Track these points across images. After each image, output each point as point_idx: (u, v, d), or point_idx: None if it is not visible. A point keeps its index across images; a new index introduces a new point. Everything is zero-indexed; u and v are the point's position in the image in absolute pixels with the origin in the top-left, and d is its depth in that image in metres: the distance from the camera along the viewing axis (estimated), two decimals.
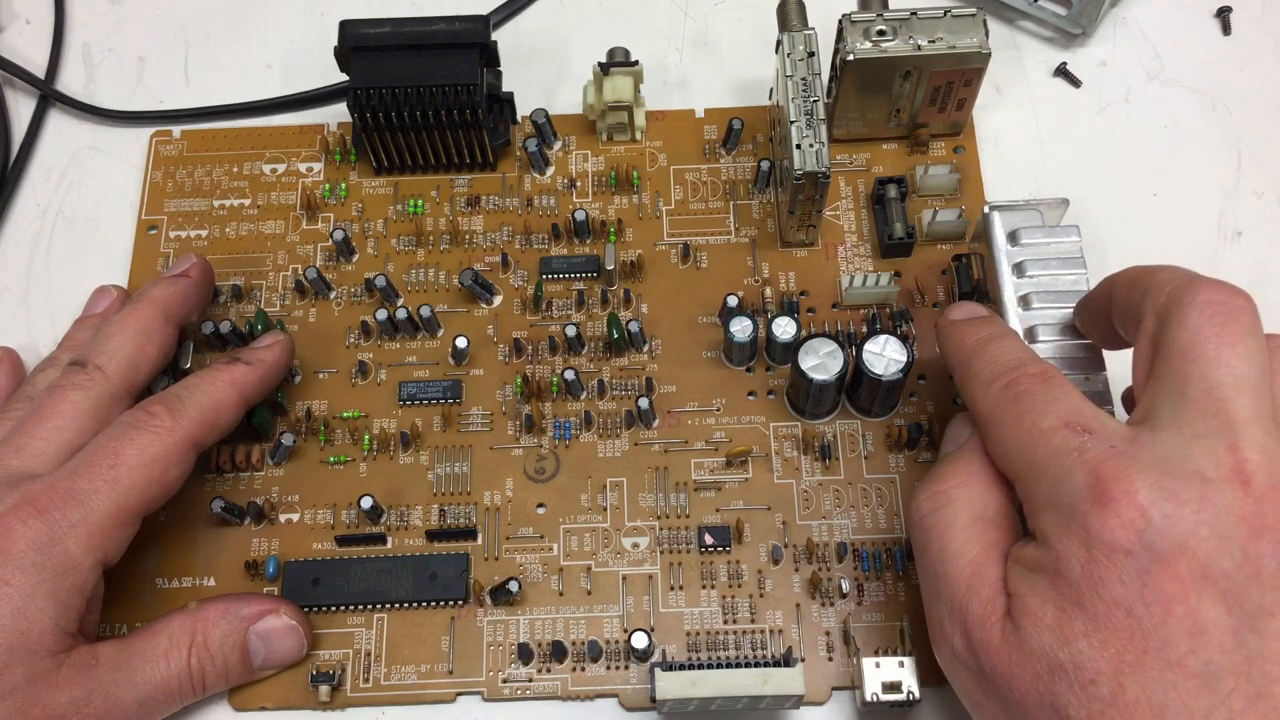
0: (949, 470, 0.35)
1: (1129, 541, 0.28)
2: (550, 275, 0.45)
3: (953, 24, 0.43)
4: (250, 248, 0.47)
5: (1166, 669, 0.28)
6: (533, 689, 0.39)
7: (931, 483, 0.35)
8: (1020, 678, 0.30)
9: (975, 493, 0.34)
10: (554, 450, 0.43)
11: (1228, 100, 0.48)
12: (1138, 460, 0.29)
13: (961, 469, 0.34)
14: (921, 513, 0.34)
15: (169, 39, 0.52)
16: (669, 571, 0.41)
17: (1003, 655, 0.30)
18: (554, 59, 0.51)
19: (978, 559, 0.32)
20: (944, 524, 0.33)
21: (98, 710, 0.35)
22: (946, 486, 0.34)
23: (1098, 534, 0.29)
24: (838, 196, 0.46)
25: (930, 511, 0.34)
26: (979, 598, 0.31)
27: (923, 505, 0.34)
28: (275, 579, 0.41)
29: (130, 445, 0.36)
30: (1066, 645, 0.29)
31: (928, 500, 0.34)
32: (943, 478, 0.34)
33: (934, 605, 0.33)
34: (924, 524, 0.34)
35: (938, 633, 0.33)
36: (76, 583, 0.35)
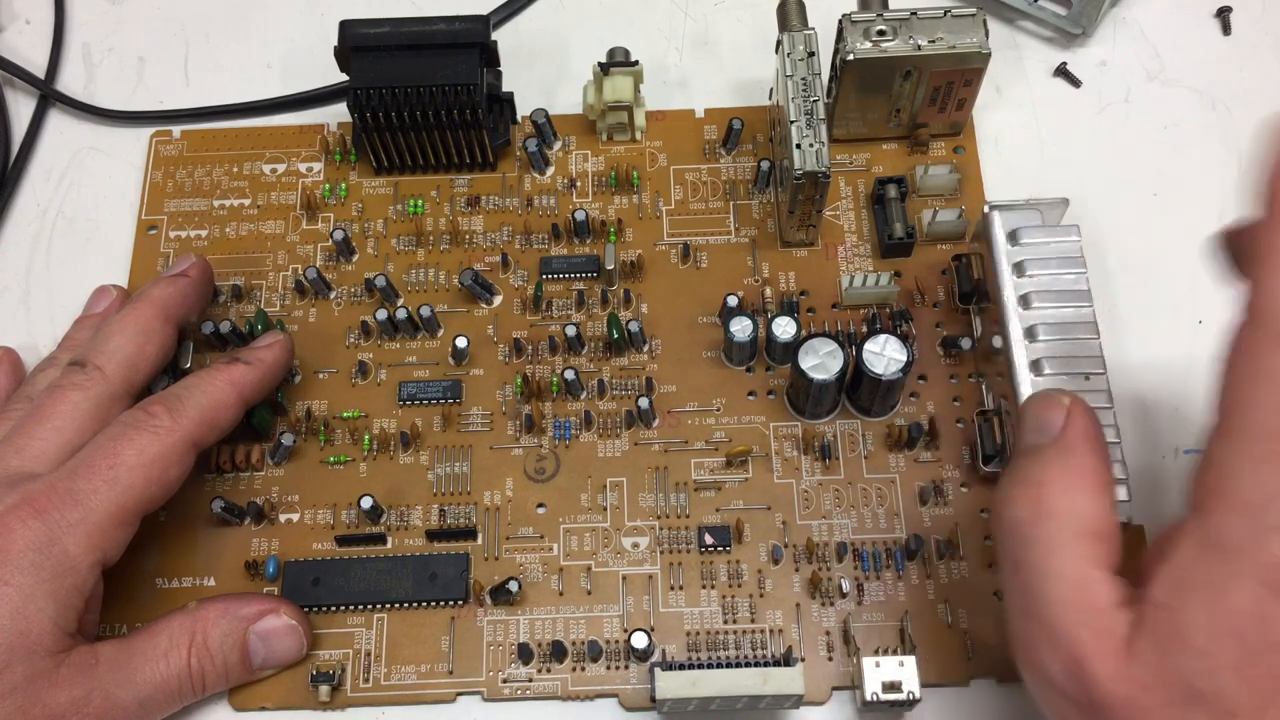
0: (1047, 472, 0.30)
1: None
2: (550, 275, 0.45)
3: (953, 24, 0.43)
4: (250, 248, 0.47)
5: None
6: (533, 689, 0.39)
7: (1027, 485, 0.30)
8: (1145, 707, 0.27)
9: (1081, 502, 0.30)
10: (554, 450, 0.43)
11: (1228, 100, 0.48)
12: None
13: (1063, 471, 0.30)
14: (1016, 520, 0.30)
15: (169, 39, 0.52)
16: (669, 571, 0.41)
17: (1124, 685, 0.27)
18: (554, 59, 0.51)
19: (1086, 581, 0.29)
20: (1045, 537, 0.29)
21: (97, 710, 0.35)
22: (1046, 492, 0.30)
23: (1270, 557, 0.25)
24: (838, 196, 0.46)
25: (1027, 521, 0.30)
26: (1090, 627, 0.28)
27: (1018, 511, 0.30)
28: (275, 579, 0.41)
29: (129, 445, 0.36)
30: (1212, 675, 0.26)
31: (1024, 506, 0.30)
32: (1041, 480, 0.30)
33: (1026, 624, 0.30)
34: (1019, 533, 0.30)
35: (1031, 656, 0.30)
36: (75, 582, 0.35)
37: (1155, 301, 0.45)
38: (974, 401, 0.42)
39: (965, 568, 0.40)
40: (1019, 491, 0.31)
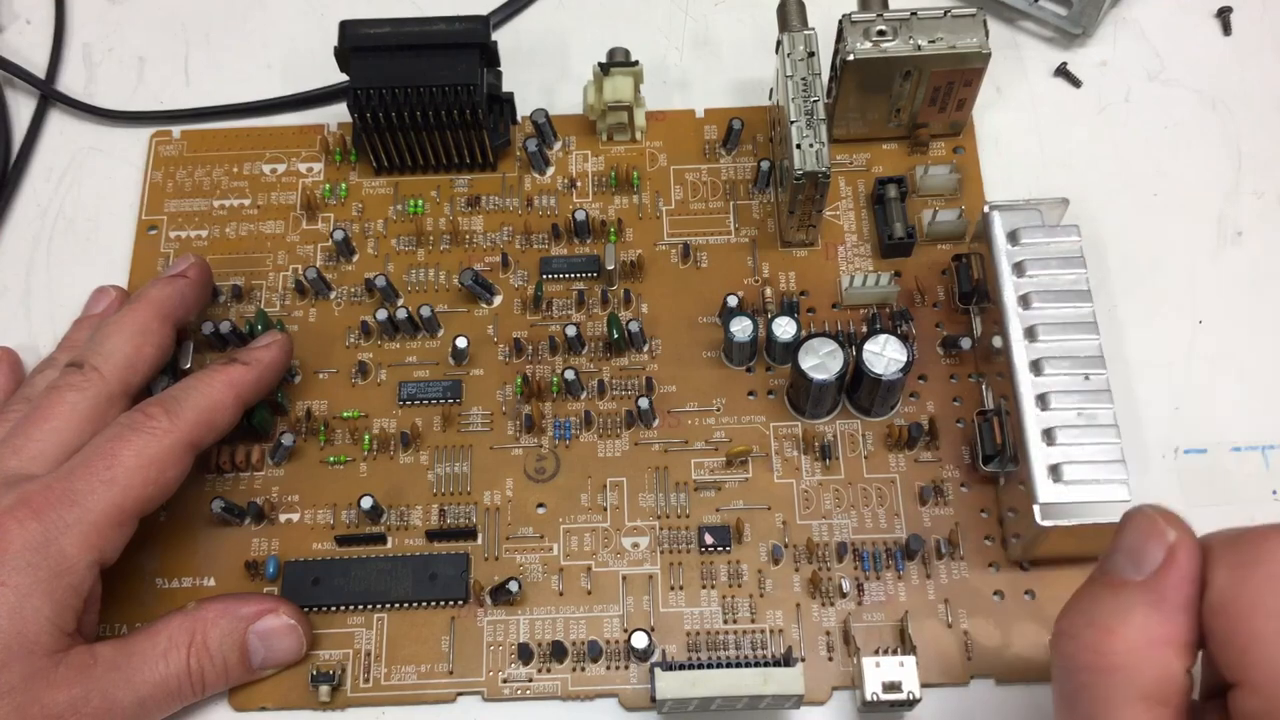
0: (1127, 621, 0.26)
1: None
2: (550, 275, 0.45)
3: (953, 24, 0.43)
4: (250, 248, 0.47)
5: None
6: (533, 689, 0.39)
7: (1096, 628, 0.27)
8: None
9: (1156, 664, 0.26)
10: (554, 450, 0.43)
11: (1228, 100, 0.48)
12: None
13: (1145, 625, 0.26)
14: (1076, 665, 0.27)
15: (169, 39, 0.52)
16: (669, 571, 0.41)
17: None
18: (554, 59, 0.51)
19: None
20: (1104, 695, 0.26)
21: (96, 710, 0.35)
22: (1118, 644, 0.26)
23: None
24: (838, 196, 0.46)
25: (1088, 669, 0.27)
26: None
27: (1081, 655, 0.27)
28: (275, 579, 0.41)
29: (127, 446, 0.36)
30: None
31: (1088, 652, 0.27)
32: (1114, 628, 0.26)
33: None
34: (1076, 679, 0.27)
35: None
36: (73, 583, 0.35)
37: (1155, 301, 0.45)
38: (974, 401, 0.42)
39: (965, 568, 0.40)
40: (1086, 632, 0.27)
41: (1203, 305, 0.45)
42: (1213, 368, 0.43)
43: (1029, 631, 0.39)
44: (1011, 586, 0.40)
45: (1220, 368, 0.43)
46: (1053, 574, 0.40)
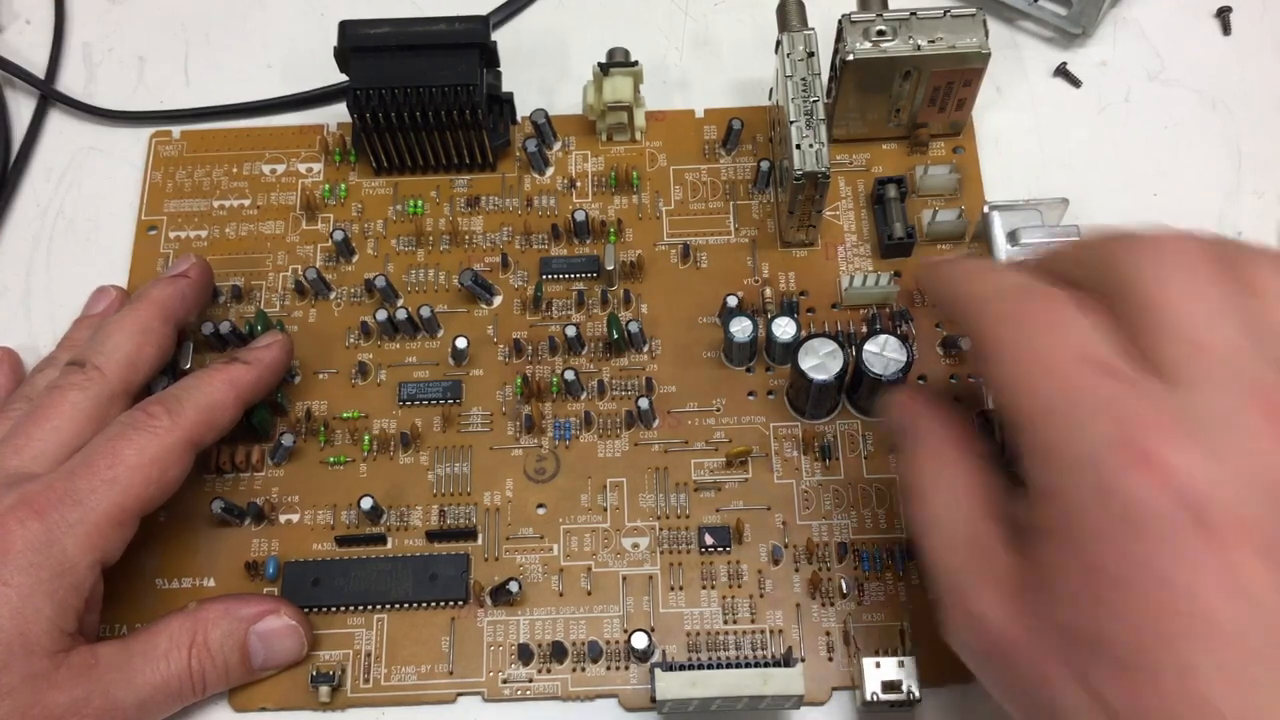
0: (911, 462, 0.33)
1: (1165, 504, 0.25)
2: (550, 275, 0.45)
3: (953, 24, 0.43)
4: (250, 248, 0.47)
5: (1208, 637, 0.25)
6: (533, 689, 0.39)
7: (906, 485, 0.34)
8: (1035, 648, 0.28)
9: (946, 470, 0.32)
10: (554, 450, 0.43)
11: (1228, 100, 0.48)
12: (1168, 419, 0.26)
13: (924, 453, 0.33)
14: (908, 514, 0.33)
15: (169, 39, 0.52)
16: (669, 572, 0.41)
17: (1012, 627, 0.28)
18: (554, 59, 0.51)
19: (969, 534, 0.31)
20: (926, 514, 0.32)
21: (97, 710, 0.35)
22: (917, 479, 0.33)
23: (1127, 498, 0.26)
24: (838, 196, 0.46)
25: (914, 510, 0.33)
26: (977, 572, 0.30)
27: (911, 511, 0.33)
28: (275, 579, 0.41)
29: (129, 445, 0.36)
30: (1087, 614, 0.26)
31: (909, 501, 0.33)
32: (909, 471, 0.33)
33: (939, 595, 0.32)
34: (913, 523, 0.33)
35: (943, 621, 0.31)
36: (74, 583, 0.35)
37: None
38: (974, 402, 0.42)
39: None
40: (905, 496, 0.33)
41: None
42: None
43: None
44: None
45: None
46: None
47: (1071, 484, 0.27)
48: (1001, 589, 0.29)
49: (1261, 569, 0.25)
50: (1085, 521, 0.27)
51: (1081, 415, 0.27)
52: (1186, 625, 0.25)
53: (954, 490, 0.32)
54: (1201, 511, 0.25)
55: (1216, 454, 0.26)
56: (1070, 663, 0.27)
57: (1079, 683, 0.27)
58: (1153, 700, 0.25)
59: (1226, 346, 0.27)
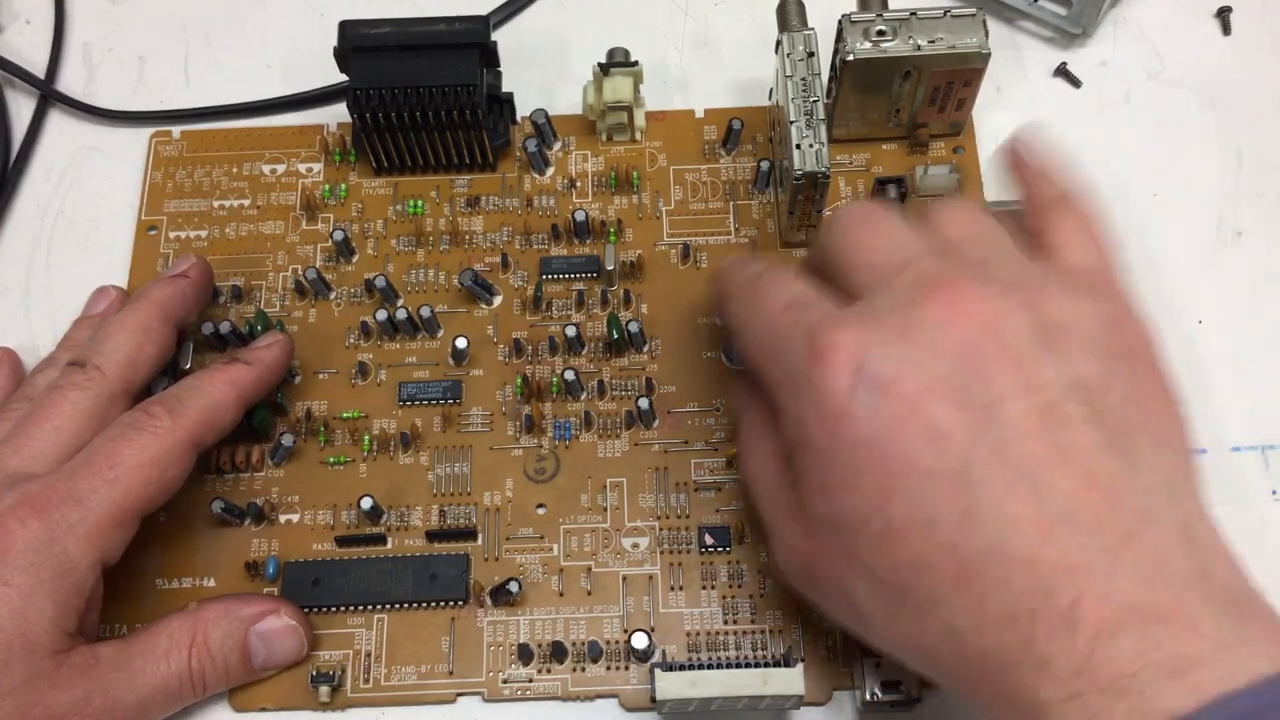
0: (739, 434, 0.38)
1: (849, 381, 0.30)
2: (550, 275, 0.45)
3: (953, 24, 0.43)
4: (250, 248, 0.47)
5: (920, 482, 0.29)
6: (533, 689, 0.39)
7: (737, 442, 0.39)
8: (823, 553, 0.32)
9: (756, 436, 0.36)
10: (554, 450, 0.43)
11: (1228, 100, 0.48)
12: (843, 317, 0.31)
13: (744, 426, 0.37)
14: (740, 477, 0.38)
15: (169, 39, 0.52)
16: (669, 572, 0.41)
17: (807, 543, 0.32)
18: (554, 59, 0.51)
19: (775, 483, 0.34)
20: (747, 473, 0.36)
21: (97, 710, 0.35)
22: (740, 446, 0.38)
23: (820, 386, 0.30)
24: (838, 196, 0.46)
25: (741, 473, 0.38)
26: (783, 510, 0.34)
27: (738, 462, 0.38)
28: (275, 579, 0.41)
29: (129, 446, 0.36)
30: (836, 503, 0.30)
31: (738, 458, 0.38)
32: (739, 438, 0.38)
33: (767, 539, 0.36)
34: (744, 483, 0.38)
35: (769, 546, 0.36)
36: (75, 583, 0.35)
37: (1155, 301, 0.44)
38: None
39: None
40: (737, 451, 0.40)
41: (1203, 305, 0.45)
42: (1212, 368, 0.43)
43: None
44: None
45: (1220, 368, 0.43)
46: None
47: (790, 400, 0.32)
48: (793, 515, 0.33)
49: (952, 413, 0.29)
50: (803, 423, 0.31)
51: (786, 343, 0.32)
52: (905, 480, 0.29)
53: (761, 452, 0.36)
54: (882, 379, 0.29)
55: (898, 335, 0.30)
56: (844, 552, 0.31)
57: (853, 565, 0.30)
58: (906, 555, 0.29)
59: (901, 259, 0.32)
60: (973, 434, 0.29)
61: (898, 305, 0.31)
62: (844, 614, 0.33)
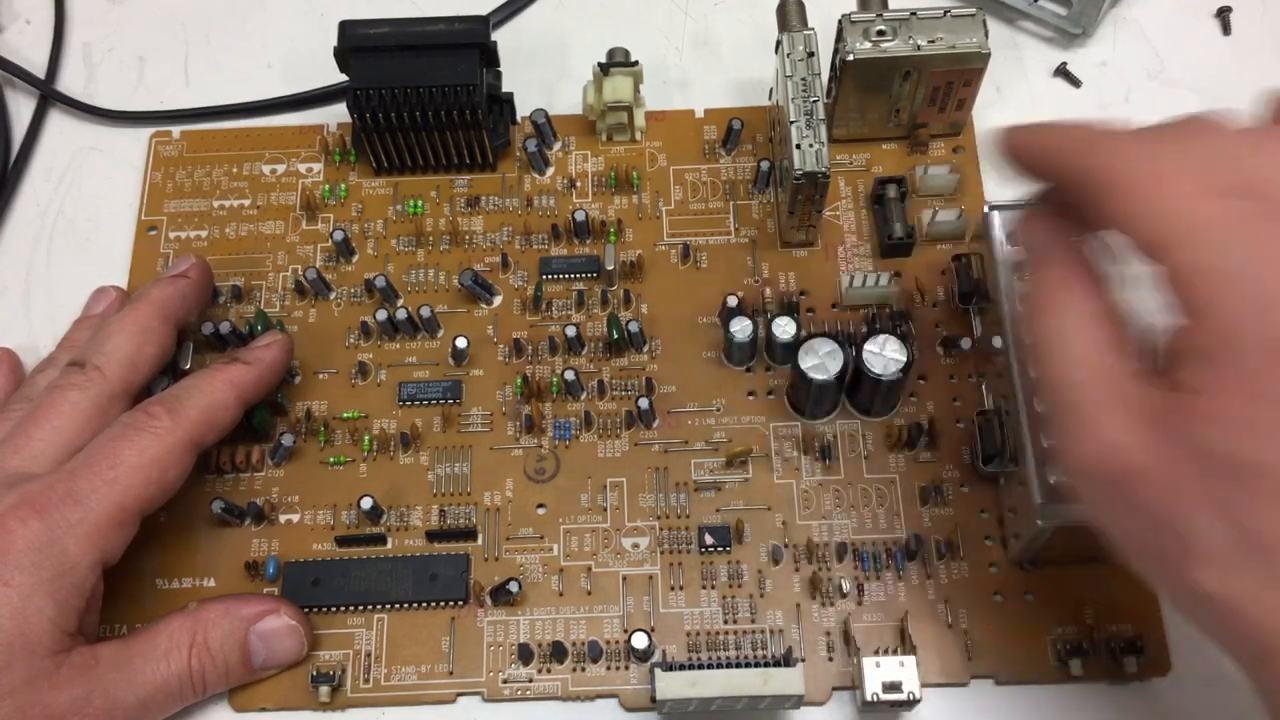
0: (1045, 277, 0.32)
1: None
2: (550, 275, 0.45)
3: (952, 24, 0.43)
4: (250, 248, 0.47)
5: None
6: (533, 689, 0.39)
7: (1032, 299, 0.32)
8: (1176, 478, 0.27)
9: (1080, 293, 0.31)
10: (554, 450, 0.43)
11: (1228, 100, 0.48)
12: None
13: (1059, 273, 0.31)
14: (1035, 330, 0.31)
15: (169, 39, 0.52)
16: (669, 572, 0.41)
17: (1149, 456, 0.27)
18: (554, 59, 0.51)
19: (1100, 360, 0.29)
20: (1055, 331, 0.30)
21: (98, 710, 0.35)
22: (1046, 292, 0.31)
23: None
24: (838, 196, 0.46)
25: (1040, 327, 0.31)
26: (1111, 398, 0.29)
27: (1032, 324, 0.31)
28: (275, 579, 0.41)
29: (129, 446, 0.36)
30: (1255, 443, 0.26)
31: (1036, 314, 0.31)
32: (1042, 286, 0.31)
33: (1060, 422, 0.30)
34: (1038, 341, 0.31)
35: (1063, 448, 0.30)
36: (75, 583, 0.35)
37: None
38: (974, 401, 0.42)
39: (965, 568, 0.40)
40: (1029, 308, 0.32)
41: None
42: None
43: (1029, 632, 0.39)
44: (1011, 586, 0.40)
45: None
46: (1053, 574, 0.40)
47: (1233, 300, 0.26)
48: (1135, 415, 0.28)
49: None
50: (1249, 341, 0.26)
51: (1232, 235, 0.27)
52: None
53: (1084, 313, 0.30)
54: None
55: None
56: (1213, 493, 0.26)
57: (1219, 513, 0.26)
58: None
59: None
60: None
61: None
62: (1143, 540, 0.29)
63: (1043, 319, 0.31)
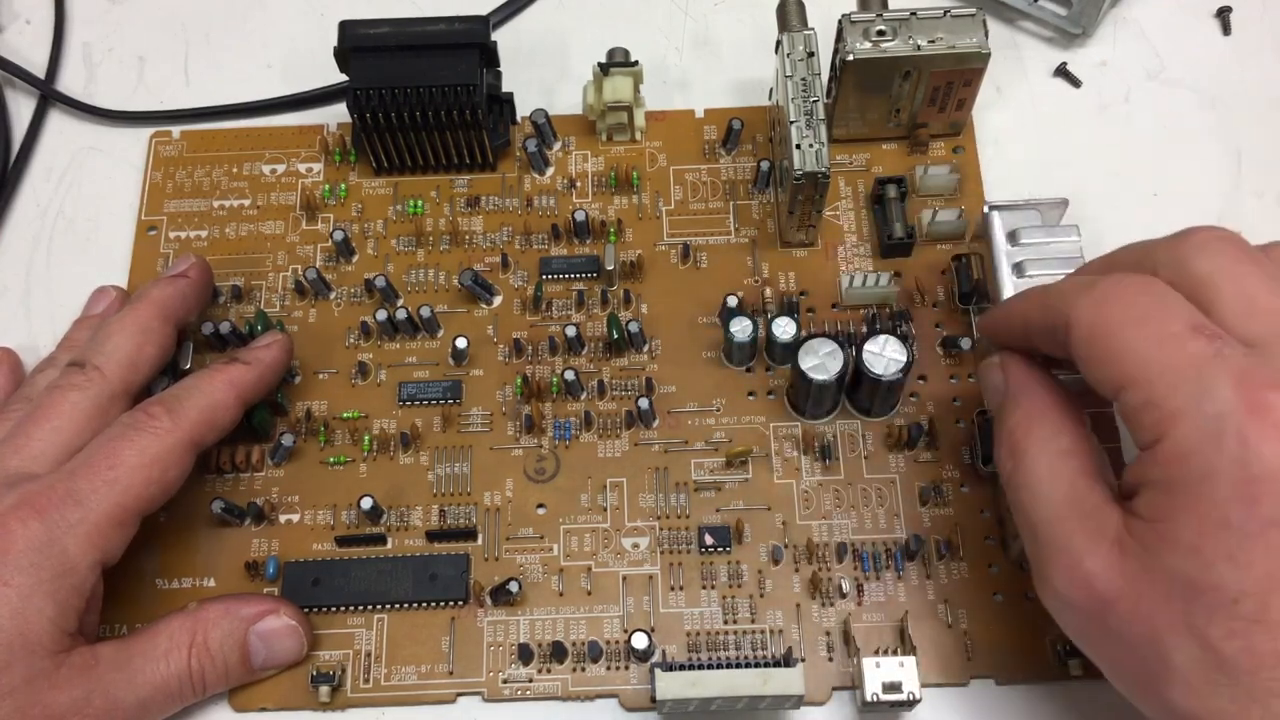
0: (1012, 420, 0.34)
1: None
2: (550, 275, 0.45)
3: (952, 24, 0.43)
4: (250, 248, 0.47)
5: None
6: (533, 689, 0.39)
7: (1002, 441, 0.34)
8: (1145, 602, 0.28)
9: (1048, 429, 0.33)
10: (554, 450, 0.43)
11: (1228, 100, 0.48)
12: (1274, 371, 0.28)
13: (1025, 412, 0.33)
14: (1005, 472, 0.33)
15: (169, 39, 0.52)
16: (669, 572, 0.41)
17: (1121, 582, 0.29)
18: (554, 59, 0.51)
19: (1071, 493, 0.31)
20: (1028, 470, 0.32)
21: (97, 710, 0.35)
22: (1017, 436, 0.33)
23: (1247, 442, 0.27)
24: (838, 196, 0.46)
25: (1012, 468, 0.33)
26: (1083, 529, 0.30)
27: (1005, 464, 0.33)
28: (275, 579, 0.41)
29: (129, 446, 0.36)
30: (1208, 567, 0.27)
31: (1007, 457, 0.33)
32: (1009, 430, 0.33)
33: (1036, 554, 0.32)
34: (1012, 483, 0.33)
35: (1041, 580, 0.32)
36: (75, 583, 0.35)
37: None
38: (974, 401, 0.42)
39: (965, 568, 0.40)
40: (1000, 450, 0.34)
41: None
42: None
43: (1029, 632, 0.39)
44: (1011, 586, 0.40)
45: None
46: None
47: (1197, 438, 0.28)
48: (1109, 545, 0.30)
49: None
50: (1211, 475, 0.28)
51: (1196, 373, 0.28)
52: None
53: (1056, 449, 0.32)
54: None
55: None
56: (1184, 615, 0.28)
57: (1191, 635, 0.28)
58: (1271, 647, 0.27)
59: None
60: None
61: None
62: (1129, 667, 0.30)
63: (1014, 461, 0.33)
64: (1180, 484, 0.28)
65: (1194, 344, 0.29)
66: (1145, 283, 0.31)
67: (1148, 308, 0.30)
